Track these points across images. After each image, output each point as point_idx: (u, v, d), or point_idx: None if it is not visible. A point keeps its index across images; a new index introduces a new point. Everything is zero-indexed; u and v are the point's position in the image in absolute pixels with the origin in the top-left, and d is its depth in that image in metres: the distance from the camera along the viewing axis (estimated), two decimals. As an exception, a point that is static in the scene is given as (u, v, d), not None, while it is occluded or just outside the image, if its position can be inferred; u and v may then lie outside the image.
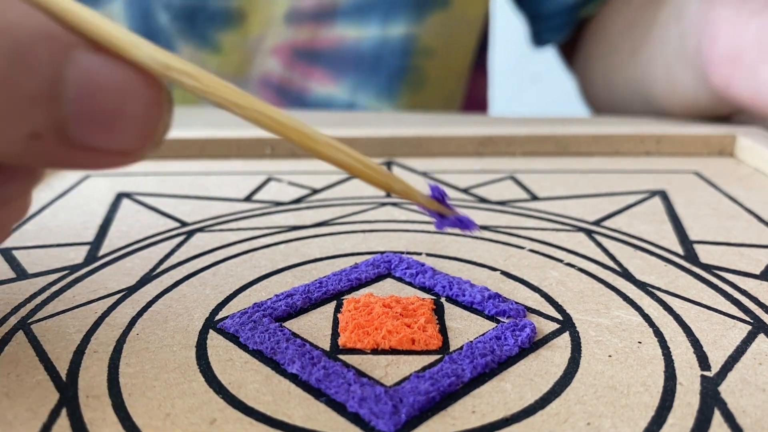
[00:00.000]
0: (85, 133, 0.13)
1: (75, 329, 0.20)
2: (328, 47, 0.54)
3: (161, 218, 0.29)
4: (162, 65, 0.14)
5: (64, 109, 0.13)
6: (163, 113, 0.14)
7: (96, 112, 0.13)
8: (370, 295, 0.22)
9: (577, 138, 0.39)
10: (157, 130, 0.14)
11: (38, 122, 0.13)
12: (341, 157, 0.16)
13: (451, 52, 0.57)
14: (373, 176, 0.16)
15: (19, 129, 0.12)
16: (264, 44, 0.55)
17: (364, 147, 0.39)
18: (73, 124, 0.13)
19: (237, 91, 0.14)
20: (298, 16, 0.54)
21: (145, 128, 0.14)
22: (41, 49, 0.12)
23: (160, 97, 0.14)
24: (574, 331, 0.20)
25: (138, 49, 0.13)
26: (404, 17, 0.54)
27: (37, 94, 0.12)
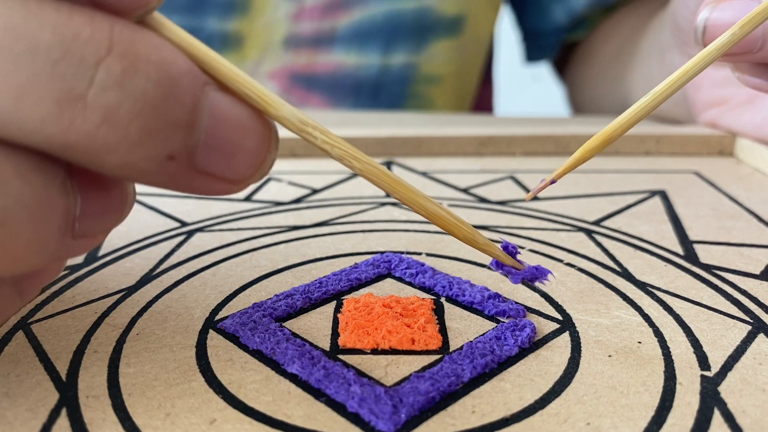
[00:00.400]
0: (209, 160, 0.15)
1: (75, 329, 0.20)
2: (326, 73, 0.54)
3: (161, 218, 0.29)
4: (300, 121, 0.16)
5: (196, 137, 0.14)
6: (272, 148, 0.16)
7: (221, 143, 0.15)
8: (370, 295, 0.22)
9: (577, 138, 0.39)
10: (265, 162, 0.16)
11: (175, 146, 0.14)
12: (435, 209, 0.18)
13: (461, 77, 0.58)
14: (462, 229, 0.18)
15: (160, 149, 0.14)
16: (261, 68, 0.55)
17: (364, 147, 0.39)
18: (201, 151, 0.15)
19: (356, 149, 0.17)
20: (296, 41, 0.54)
21: (257, 160, 0.15)
22: (186, 83, 0.14)
23: (270, 135, 0.16)
24: (573, 331, 0.20)
25: (281, 106, 0.16)
26: (405, 46, 0.54)
27: (179, 121, 0.14)
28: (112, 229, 0.16)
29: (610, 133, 0.20)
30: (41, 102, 0.13)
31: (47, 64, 0.13)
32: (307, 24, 0.54)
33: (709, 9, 0.24)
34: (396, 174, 0.18)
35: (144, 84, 0.13)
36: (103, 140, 0.13)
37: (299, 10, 0.53)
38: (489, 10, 0.58)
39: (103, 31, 0.13)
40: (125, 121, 0.13)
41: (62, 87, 0.13)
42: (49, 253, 0.14)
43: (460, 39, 0.56)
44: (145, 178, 0.15)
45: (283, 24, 0.54)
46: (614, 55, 0.55)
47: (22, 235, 0.14)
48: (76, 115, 0.13)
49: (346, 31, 0.54)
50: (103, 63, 0.13)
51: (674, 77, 0.21)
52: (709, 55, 0.21)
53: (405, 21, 0.53)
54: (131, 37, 0.14)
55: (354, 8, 0.53)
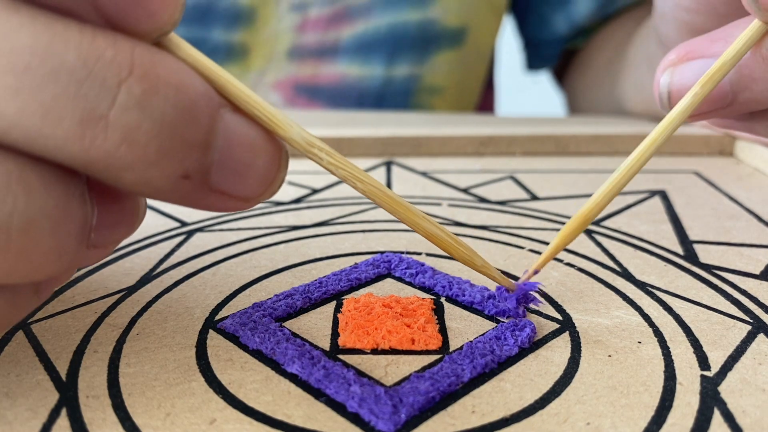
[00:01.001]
0: (223, 178, 0.15)
1: (75, 329, 0.20)
2: (330, 84, 0.55)
3: (161, 218, 0.29)
4: (307, 143, 0.16)
5: (211, 157, 0.15)
6: (282, 168, 0.16)
7: (234, 162, 0.15)
8: (370, 295, 0.22)
9: (577, 138, 0.40)
10: (275, 181, 0.16)
11: (191, 165, 0.15)
12: (435, 231, 0.19)
13: (463, 87, 0.58)
14: (460, 251, 0.19)
15: (176, 168, 0.14)
16: (266, 79, 0.55)
17: (364, 147, 0.39)
18: (215, 170, 0.15)
19: (360, 170, 0.17)
20: (300, 52, 0.54)
21: (268, 179, 0.16)
22: (202, 105, 0.15)
23: (281, 155, 0.16)
24: (573, 331, 0.20)
25: (290, 127, 0.16)
26: (409, 57, 0.54)
27: (195, 141, 0.14)
28: (122, 240, 0.17)
29: (587, 214, 0.20)
30: (65, 121, 0.13)
31: (71, 84, 0.13)
32: (311, 35, 0.54)
33: (669, 73, 0.23)
34: (398, 195, 0.18)
35: (163, 105, 0.14)
36: (122, 159, 0.14)
37: (303, 22, 0.54)
38: (492, 21, 0.58)
39: (125, 53, 0.14)
40: (144, 141, 0.14)
41: (85, 107, 0.13)
42: (66, 262, 0.15)
43: (463, 50, 0.56)
44: (160, 195, 0.15)
45: (287, 35, 0.54)
46: (608, 63, 0.55)
47: (44, 243, 0.14)
48: (97, 135, 0.14)
49: (349, 43, 0.54)
50: (124, 84, 0.14)
51: (643, 147, 0.20)
52: (675, 120, 0.21)
53: (409, 32, 0.54)
54: (151, 59, 0.14)
55: (358, 20, 0.54)
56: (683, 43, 0.24)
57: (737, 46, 0.21)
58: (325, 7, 0.53)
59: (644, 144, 0.21)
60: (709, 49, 0.23)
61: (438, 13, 0.54)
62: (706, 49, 0.23)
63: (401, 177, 0.36)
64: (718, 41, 0.23)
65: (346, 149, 0.38)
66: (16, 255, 0.14)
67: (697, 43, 0.23)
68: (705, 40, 0.23)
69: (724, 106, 0.23)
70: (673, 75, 0.23)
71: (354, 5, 0.53)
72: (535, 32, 0.61)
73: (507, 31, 0.66)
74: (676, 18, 0.27)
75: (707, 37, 0.23)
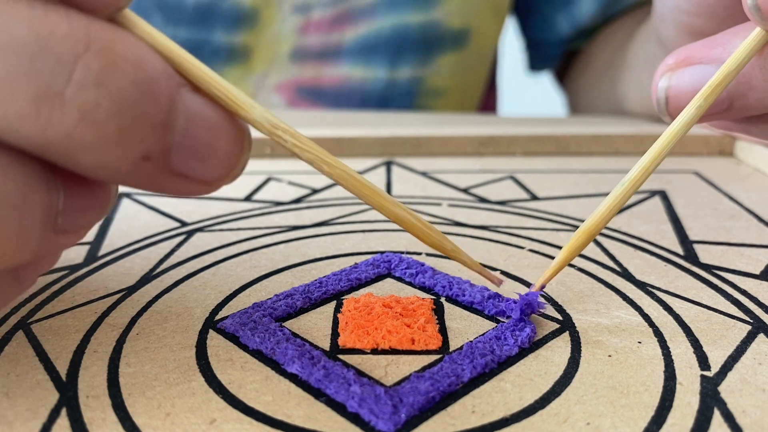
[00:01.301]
0: (184, 161, 0.15)
1: (75, 329, 0.20)
2: (333, 86, 0.54)
3: (161, 218, 0.29)
4: (271, 124, 0.16)
5: (172, 138, 0.14)
6: (245, 151, 0.16)
7: (195, 144, 0.15)
8: (370, 295, 0.22)
9: (577, 138, 0.40)
10: (238, 164, 0.16)
11: (151, 146, 0.14)
12: (404, 215, 0.18)
13: (465, 89, 0.58)
14: (429, 235, 0.19)
15: (136, 149, 0.14)
16: (268, 81, 0.55)
17: (364, 147, 0.39)
18: (176, 152, 0.15)
19: (327, 152, 0.17)
20: (303, 54, 0.54)
21: (230, 162, 0.16)
22: (162, 83, 0.14)
23: (243, 137, 0.16)
24: (574, 331, 0.20)
25: (252, 108, 0.16)
26: (412, 59, 0.54)
27: (156, 121, 0.14)
28: (93, 224, 0.16)
29: (592, 229, 0.20)
30: (18, 98, 0.13)
31: (23, 59, 0.13)
32: (314, 37, 0.54)
33: (667, 78, 0.23)
34: (366, 178, 0.18)
35: (122, 83, 0.13)
36: (80, 139, 0.13)
37: (306, 23, 0.53)
38: (494, 22, 0.58)
39: (80, 29, 0.13)
40: (103, 120, 0.13)
41: (40, 84, 0.13)
42: (32, 248, 0.14)
43: (465, 52, 0.56)
44: (120, 178, 0.15)
45: (290, 37, 0.54)
46: (608, 63, 0.55)
47: (5, 229, 0.14)
48: (53, 113, 0.13)
49: (352, 45, 0.54)
50: (80, 60, 0.13)
51: (648, 160, 0.20)
52: (679, 132, 0.21)
53: (412, 35, 0.54)
54: (108, 35, 0.14)
55: (361, 22, 0.53)
56: (682, 48, 0.24)
57: (740, 56, 0.21)
58: (328, 9, 0.53)
59: (649, 156, 0.21)
60: (708, 55, 0.23)
61: (441, 14, 0.54)
62: (704, 54, 0.23)
63: (401, 177, 0.36)
64: (717, 47, 0.22)
65: (346, 149, 0.38)
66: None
67: (695, 48, 0.23)
68: (703, 46, 0.23)
69: (721, 111, 0.23)
70: (671, 80, 0.23)
71: (357, 7, 0.53)
72: (537, 33, 0.61)
73: (508, 31, 0.66)
74: (676, 20, 0.27)
75: (706, 42, 0.23)
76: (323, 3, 0.53)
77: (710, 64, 0.22)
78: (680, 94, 0.23)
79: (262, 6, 0.53)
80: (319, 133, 0.39)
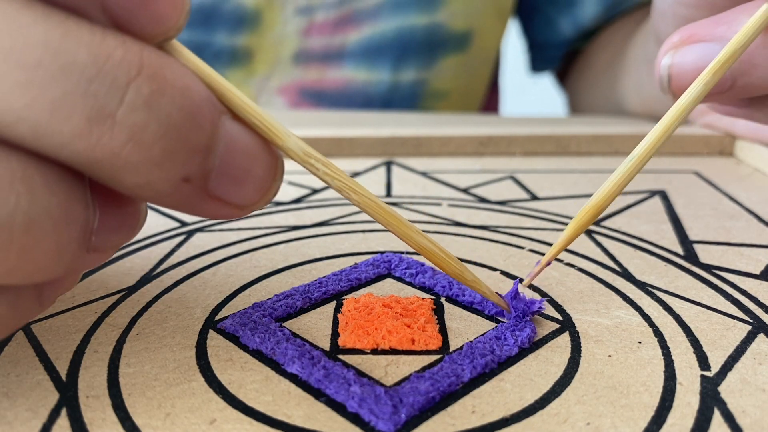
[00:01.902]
0: (221, 185, 0.15)
1: (75, 329, 0.20)
2: (336, 88, 0.54)
3: (161, 218, 0.29)
4: (304, 153, 0.17)
5: (212, 162, 0.15)
6: (278, 177, 0.17)
7: (232, 169, 0.15)
8: (370, 295, 0.22)
9: (577, 138, 0.40)
10: (271, 190, 0.16)
11: (192, 169, 0.15)
12: (428, 245, 0.19)
13: (468, 91, 0.58)
14: (451, 265, 0.19)
15: (178, 171, 0.15)
16: (270, 83, 0.55)
17: (364, 147, 0.39)
18: (214, 175, 0.15)
19: (356, 181, 0.18)
20: (306, 56, 0.54)
21: (264, 188, 0.16)
22: (206, 110, 0.15)
23: (277, 164, 0.16)
24: (573, 331, 0.20)
25: (288, 137, 0.16)
26: (416, 62, 0.54)
27: (198, 145, 0.15)
28: (122, 245, 0.17)
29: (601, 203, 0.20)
30: (73, 118, 0.13)
31: (81, 81, 0.13)
32: (317, 39, 0.53)
33: (670, 56, 0.23)
34: (391, 207, 0.18)
35: (169, 107, 0.14)
36: (126, 159, 0.14)
37: (309, 26, 0.53)
38: (497, 24, 0.58)
39: (134, 54, 0.14)
40: (149, 141, 0.14)
41: (94, 105, 0.13)
42: (66, 264, 0.15)
43: (468, 54, 0.56)
44: (160, 198, 0.15)
45: (292, 39, 0.54)
46: (608, 64, 0.55)
47: (45, 243, 0.14)
48: (104, 133, 0.14)
49: (356, 47, 0.54)
50: (133, 83, 0.14)
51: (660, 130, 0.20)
52: (687, 106, 0.20)
53: (416, 37, 0.53)
54: (159, 61, 0.14)
55: (364, 24, 0.53)
56: (687, 26, 0.23)
57: (747, 32, 0.20)
58: (332, 11, 0.53)
59: (656, 132, 0.20)
60: (713, 33, 0.22)
61: (445, 17, 0.54)
62: (709, 32, 0.23)
63: (401, 177, 0.36)
64: (722, 25, 0.22)
65: (346, 149, 0.38)
66: (17, 254, 0.14)
67: (701, 26, 0.23)
68: (709, 24, 0.23)
69: (723, 90, 0.22)
70: (674, 57, 0.23)
71: (360, 9, 0.53)
72: (540, 34, 0.61)
73: (507, 32, 0.66)
74: (676, 14, 0.27)
75: (712, 20, 0.23)
76: (326, 5, 0.53)
77: (714, 41, 0.22)
78: (683, 72, 0.23)
79: (264, 8, 0.53)
80: (319, 133, 0.39)
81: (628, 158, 0.20)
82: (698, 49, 0.23)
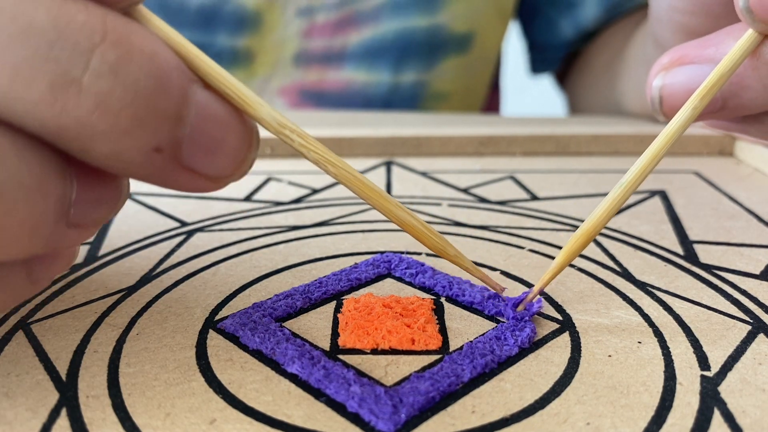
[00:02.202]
0: (193, 155, 0.15)
1: (75, 329, 0.20)
2: (336, 90, 0.54)
3: (161, 218, 0.29)
4: (278, 123, 0.16)
5: (183, 131, 0.15)
6: (252, 148, 0.16)
7: (204, 138, 0.15)
8: (370, 295, 0.22)
9: (577, 138, 0.40)
10: (245, 161, 0.16)
11: (163, 138, 0.14)
12: (407, 218, 0.18)
13: (469, 93, 0.58)
14: (431, 239, 0.19)
15: (148, 140, 0.14)
16: (271, 84, 0.55)
17: (364, 147, 0.39)
18: (186, 145, 0.15)
19: (332, 153, 0.17)
20: (306, 57, 0.54)
21: (238, 158, 0.16)
22: (174, 77, 0.14)
23: (251, 134, 0.16)
24: (573, 331, 0.20)
25: (261, 106, 0.16)
26: (416, 64, 0.54)
27: (168, 113, 0.14)
28: (104, 220, 0.16)
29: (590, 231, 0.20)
30: (35, 83, 0.13)
31: (42, 46, 0.13)
32: (318, 41, 0.53)
33: (661, 77, 0.24)
34: (370, 180, 0.18)
35: (137, 73, 0.14)
36: (94, 127, 0.14)
37: (310, 27, 0.53)
38: (498, 26, 0.58)
39: (97, 18, 0.14)
40: (117, 108, 0.14)
41: (57, 70, 0.13)
42: (43, 238, 0.15)
43: (469, 56, 0.56)
44: (131, 169, 0.15)
45: (293, 41, 0.54)
46: (607, 64, 0.55)
47: (17, 212, 0.14)
48: (69, 99, 0.13)
49: (356, 49, 0.54)
50: (97, 49, 0.13)
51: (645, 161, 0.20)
52: (675, 133, 0.21)
53: (416, 39, 0.53)
54: (124, 27, 0.14)
55: (365, 26, 0.53)
56: (676, 47, 0.24)
57: (734, 56, 0.21)
58: (332, 13, 0.53)
59: (646, 157, 0.21)
60: (701, 55, 0.23)
61: (446, 19, 0.54)
62: (697, 54, 0.23)
63: (401, 177, 0.36)
64: (710, 47, 0.23)
65: (346, 149, 0.38)
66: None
67: (689, 47, 0.23)
68: (697, 45, 0.23)
69: (715, 110, 0.23)
70: (665, 79, 0.24)
71: (362, 11, 0.53)
72: (540, 36, 0.61)
73: (511, 33, 0.66)
74: (672, 20, 0.27)
75: (699, 42, 0.23)
76: (327, 6, 0.53)
77: (703, 63, 0.23)
78: (674, 93, 0.23)
79: (265, 9, 0.53)
80: (319, 133, 0.38)
81: (618, 184, 0.20)
82: (688, 70, 0.23)
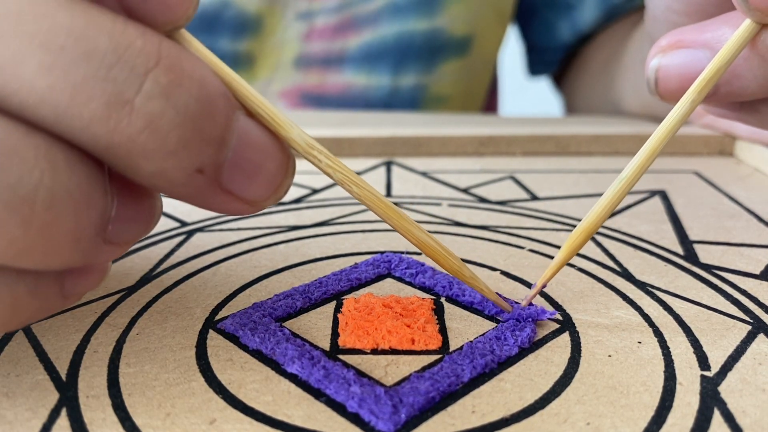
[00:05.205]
0: (233, 178, 0.16)
1: (75, 329, 0.20)
2: (336, 93, 0.54)
3: (161, 218, 0.29)
4: (307, 144, 0.17)
5: (225, 154, 0.15)
6: (289, 174, 0.17)
7: (245, 163, 0.16)
8: (370, 295, 0.22)
9: (577, 138, 0.40)
10: (282, 187, 0.17)
11: (206, 160, 0.15)
12: (427, 240, 0.19)
13: (468, 95, 0.58)
14: (450, 261, 0.19)
15: (192, 162, 0.15)
16: (272, 87, 0.55)
17: (364, 147, 0.39)
18: (227, 168, 0.16)
19: (357, 174, 0.18)
20: (307, 61, 0.54)
21: (274, 183, 0.16)
22: (221, 103, 0.15)
23: (289, 161, 0.17)
24: (573, 331, 0.20)
25: (291, 128, 0.17)
26: (416, 67, 0.54)
27: (212, 137, 0.15)
28: (136, 240, 0.17)
29: (590, 227, 0.20)
30: (92, 102, 0.14)
31: (102, 68, 0.14)
32: (318, 44, 0.54)
33: (658, 58, 0.24)
34: (390, 202, 0.18)
35: (186, 97, 0.15)
36: (143, 145, 0.14)
37: (310, 30, 0.53)
38: (497, 29, 0.58)
39: (153, 44, 0.14)
40: (166, 129, 0.14)
41: (113, 91, 0.14)
42: (83, 251, 0.15)
43: (468, 59, 0.56)
44: (173, 188, 0.15)
45: (293, 44, 0.54)
46: (604, 65, 0.55)
47: (64, 223, 0.14)
48: (122, 118, 0.14)
49: (356, 52, 0.54)
50: (151, 73, 0.14)
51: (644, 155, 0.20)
52: (674, 126, 0.21)
53: (416, 42, 0.54)
54: (177, 53, 0.15)
55: (365, 29, 0.53)
56: (674, 31, 0.24)
57: (731, 47, 0.21)
58: (332, 16, 0.53)
59: (644, 153, 0.21)
60: (698, 39, 0.23)
61: (445, 22, 0.54)
62: (695, 38, 0.23)
63: (401, 177, 0.36)
64: (707, 32, 0.23)
65: (346, 149, 0.38)
66: (37, 231, 0.14)
67: (686, 32, 0.24)
68: (695, 30, 0.24)
69: (708, 96, 0.23)
70: (661, 60, 0.24)
71: (361, 14, 0.53)
72: (539, 38, 0.61)
73: (510, 35, 0.66)
74: (667, 20, 0.28)
75: (697, 27, 0.24)
76: (327, 10, 0.53)
77: (699, 48, 0.23)
78: (668, 75, 0.24)
79: (266, 13, 0.53)
80: (319, 133, 0.39)
81: (617, 180, 0.20)
82: (684, 54, 0.24)
